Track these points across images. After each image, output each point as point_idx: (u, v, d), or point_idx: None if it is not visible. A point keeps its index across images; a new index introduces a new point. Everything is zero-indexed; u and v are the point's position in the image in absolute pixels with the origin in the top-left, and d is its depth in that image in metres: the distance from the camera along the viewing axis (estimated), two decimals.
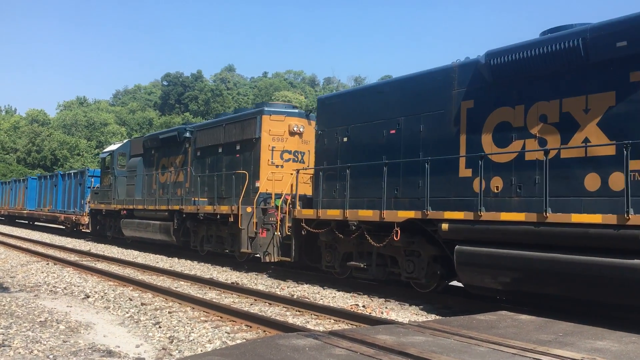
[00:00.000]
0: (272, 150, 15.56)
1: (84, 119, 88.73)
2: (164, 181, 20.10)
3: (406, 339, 6.37)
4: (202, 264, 16.97)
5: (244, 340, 7.34)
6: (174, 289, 11.70)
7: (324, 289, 12.07)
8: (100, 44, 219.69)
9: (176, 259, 18.09)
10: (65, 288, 11.94)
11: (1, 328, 7.93)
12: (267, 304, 10.31)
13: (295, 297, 11.01)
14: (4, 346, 6.96)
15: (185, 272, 14.59)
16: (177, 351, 7.08)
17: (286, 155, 15.67)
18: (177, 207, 18.12)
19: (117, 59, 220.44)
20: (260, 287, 12.28)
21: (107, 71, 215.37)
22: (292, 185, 13.58)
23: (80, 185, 29.80)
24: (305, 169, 14.42)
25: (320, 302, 10.50)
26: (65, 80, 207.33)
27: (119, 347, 7.28)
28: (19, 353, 6.70)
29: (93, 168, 34.22)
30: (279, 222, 13.65)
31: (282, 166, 15.41)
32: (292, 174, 13.83)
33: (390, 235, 10.60)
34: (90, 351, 6.97)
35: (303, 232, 12.76)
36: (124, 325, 8.65)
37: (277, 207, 13.90)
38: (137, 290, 11.63)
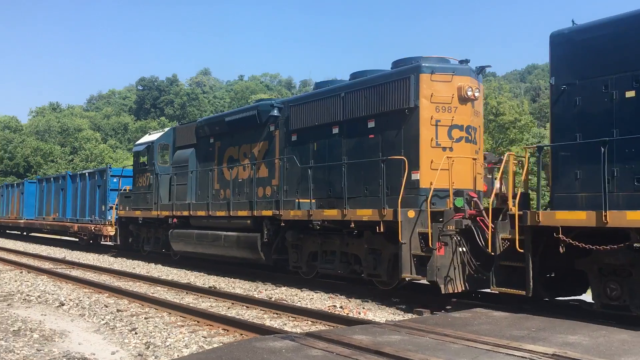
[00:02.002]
0: (437, 125, 10.71)
1: (58, 125, 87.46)
2: (232, 178, 15.01)
3: (382, 339, 6.44)
4: (178, 271, 16.79)
5: (221, 344, 7.33)
6: (151, 294, 11.61)
7: (301, 290, 12.09)
8: (74, 48, 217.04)
9: (153, 265, 17.93)
10: (39, 296, 11.76)
11: None
12: (244, 307, 10.29)
13: (273, 299, 11.01)
14: None
15: (162, 277, 14.47)
16: (153, 357, 7.04)
17: (456, 133, 10.76)
18: (268, 213, 13.18)
19: (91, 63, 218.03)
20: (238, 291, 12.24)
21: (80, 76, 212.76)
22: (477, 176, 10.62)
23: (99, 187, 23.85)
24: (544, 146, 9.28)
25: (298, 304, 10.52)
26: (38, 86, 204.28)
27: (94, 354, 7.21)
28: None
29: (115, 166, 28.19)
30: (489, 234, 9.00)
31: (450, 148, 10.63)
32: (474, 159, 10.74)
33: None
34: (64, 359, 6.89)
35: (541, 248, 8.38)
36: (99, 332, 8.56)
37: (458, 208, 9.85)
38: (113, 296, 11.51)
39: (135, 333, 8.32)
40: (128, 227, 20.23)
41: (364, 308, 10.16)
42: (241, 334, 7.96)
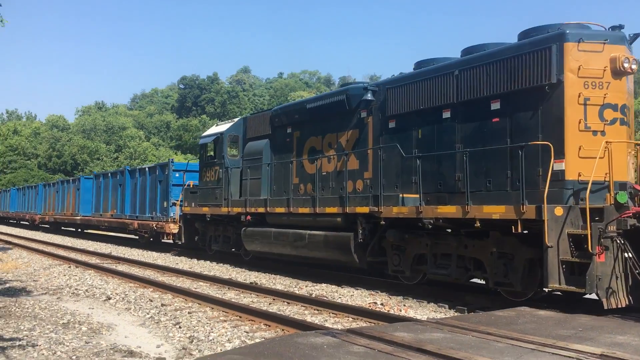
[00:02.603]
0: (585, 104, 8.86)
1: (103, 124, 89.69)
2: (314, 171, 13.50)
3: (424, 336, 6.38)
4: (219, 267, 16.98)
5: (263, 339, 7.40)
6: (194, 289, 11.81)
7: (341, 287, 12.10)
8: (117, 48, 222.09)
9: (195, 260, 18.22)
10: (87, 290, 12.11)
11: (25, 330, 8.09)
12: (285, 303, 10.36)
13: (313, 295, 11.05)
14: (28, 347, 7.09)
15: (204, 272, 14.69)
16: (197, 351, 7.16)
17: (609, 114, 8.92)
18: (364, 210, 11.55)
19: (134, 63, 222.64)
20: (279, 287, 12.34)
21: (124, 76, 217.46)
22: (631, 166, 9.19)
23: (160, 182, 22.73)
24: None
25: (339, 300, 10.52)
26: (84, 86, 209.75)
27: (140, 347, 7.38)
28: (43, 354, 6.82)
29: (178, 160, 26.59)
30: None
31: (602, 132, 8.84)
32: (638, 145, 9.47)
33: None
34: (112, 352, 7.08)
35: None
36: (144, 326, 8.76)
37: (620, 205, 8.16)
38: (158, 291, 11.76)
39: (180, 327, 8.48)
40: (193, 224, 18.71)
41: (404, 305, 10.09)
42: (283, 330, 8.02)
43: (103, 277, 14.13)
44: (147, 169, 24.59)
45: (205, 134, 18.82)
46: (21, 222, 46.32)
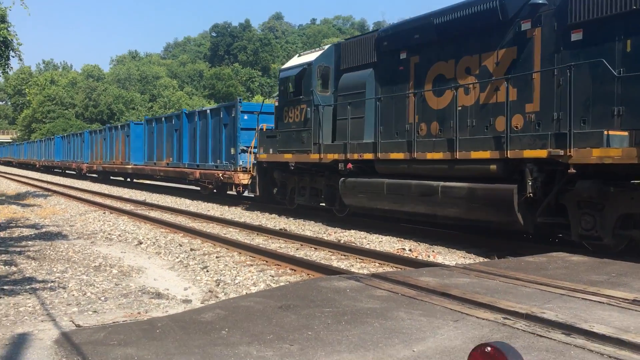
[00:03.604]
0: None
1: (137, 73, 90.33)
2: (444, 106, 10.93)
3: (450, 281, 6.27)
4: (252, 212, 17.05)
5: (287, 283, 7.41)
6: (223, 235, 11.92)
7: (370, 234, 12.03)
8: None
9: (227, 207, 18.35)
10: (119, 235, 12.34)
11: (58, 272, 8.28)
12: (313, 248, 10.36)
13: (342, 242, 11.02)
14: (59, 288, 7.26)
15: (235, 219, 14.80)
16: (222, 293, 7.22)
17: None
18: (540, 154, 8.71)
19: (166, 11, 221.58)
20: (308, 233, 12.35)
21: (157, 24, 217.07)
22: None
23: (225, 126, 20.03)
24: None
25: (367, 246, 10.47)
26: (118, 35, 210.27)
27: (168, 289, 7.48)
28: (73, 295, 6.97)
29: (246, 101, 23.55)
30: None
31: None
32: None
33: None
34: (140, 293, 7.19)
35: None
36: (173, 270, 8.89)
37: None
38: (188, 236, 11.90)
39: (207, 271, 8.57)
40: (270, 174, 16.37)
41: (433, 251, 9.98)
42: (308, 274, 8.02)
43: (135, 223, 14.38)
44: (208, 111, 21.90)
45: (286, 66, 15.98)
46: (67, 172, 44.98)
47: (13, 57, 18.53)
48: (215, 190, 20.99)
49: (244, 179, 18.15)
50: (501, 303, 5.18)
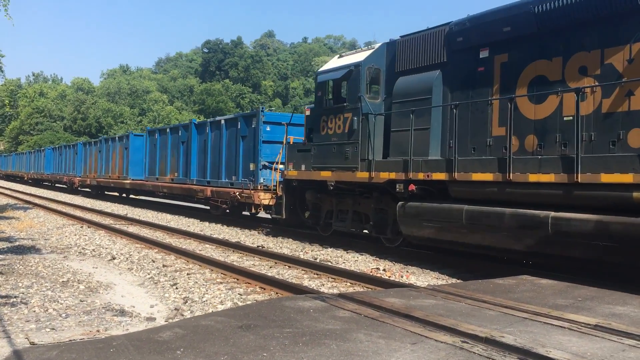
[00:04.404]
0: None
1: (127, 87, 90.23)
2: (547, 114, 8.64)
3: (415, 302, 6.21)
4: (231, 227, 16.93)
5: (254, 302, 7.32)
6: (198, 251, 11.80)
7: (347, 252, 11.96)
8: (142, 11, 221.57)
9: (207, 223, 18.22)
10: (94, 250, 12.19)
11: (22, 287, 8.13)
12: (286, 267, 10.28)
13: (318, 260, 10.94)
14: (20, 304, 7.12)
15: (213, 235, 14.67)
16: (189, 311, 7.12)
17: None
18: None
19: (159, 27, 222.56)
20: (285, 251, 12.26)
21: (149, 39, 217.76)
22: None
23: (243, 138, 17.53)
24: None
25: (342, 265, 10.40)
26: (109, 49, 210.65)
27: (133, 307, 7.36)
28: (34, 311, 6.84)
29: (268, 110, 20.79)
30: None
31: None
32: None
33: None
34: (104, 310, 7.07)
35: None
36: (143, 286, 8.77)
37: None
38: (162, 252, 11.78)
39: (176, 288, 8.46)
40: (301, 194, 14.08)
41: (407, 272, 9.93)
42: (277, 293, 7.94)
43: (112, 238, 14.22)
44: (222, 121, 19.18)
45: (324, 68, 13.47)
46: (56, 185, 42.25)
47: None
48: (228, 211, 18.26)
49: (265, 198, 15.70)
50: (462, 326, 5.14)
